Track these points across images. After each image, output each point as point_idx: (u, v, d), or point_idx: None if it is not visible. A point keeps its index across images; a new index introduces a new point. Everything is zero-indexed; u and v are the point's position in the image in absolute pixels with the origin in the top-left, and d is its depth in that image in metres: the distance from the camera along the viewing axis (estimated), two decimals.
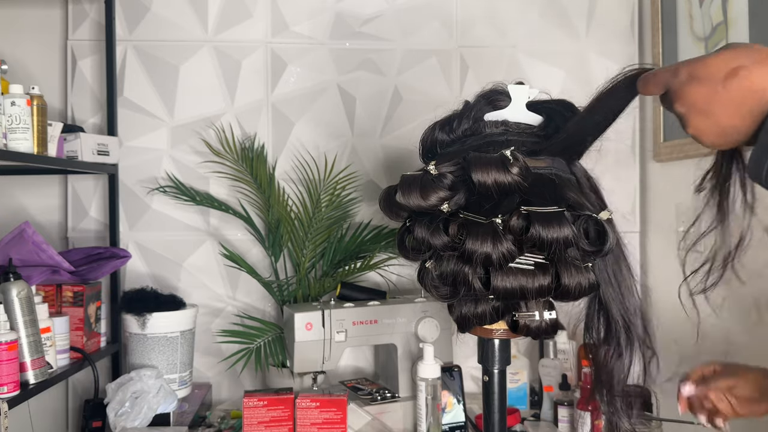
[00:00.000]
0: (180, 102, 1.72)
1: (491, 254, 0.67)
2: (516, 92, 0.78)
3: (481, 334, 0.79)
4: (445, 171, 0.74)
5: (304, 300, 1.65)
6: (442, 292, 0.75)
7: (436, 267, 0.74)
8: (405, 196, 0.73)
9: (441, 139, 0.80)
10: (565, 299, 0.71)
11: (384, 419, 1.46)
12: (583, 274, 0.69)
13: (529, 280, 0.69)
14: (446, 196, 0.72)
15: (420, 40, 1.78)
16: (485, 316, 0.75)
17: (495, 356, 0.79)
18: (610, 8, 1.82)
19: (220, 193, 1.73)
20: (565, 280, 0.69)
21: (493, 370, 0.79)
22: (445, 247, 0.72)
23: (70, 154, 1.47)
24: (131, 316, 1.49)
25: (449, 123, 0.80)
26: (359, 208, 1.76)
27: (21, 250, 1.29)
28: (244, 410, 1.38)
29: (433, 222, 0.73)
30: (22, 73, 1.67)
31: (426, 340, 1.48)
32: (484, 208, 0.71)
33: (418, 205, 0.73)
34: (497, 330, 0.78)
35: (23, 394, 1.17)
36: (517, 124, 0.78)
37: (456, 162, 0.74)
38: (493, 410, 0.79)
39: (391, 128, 1.78)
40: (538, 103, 0.79)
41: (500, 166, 0.69)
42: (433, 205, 0.72)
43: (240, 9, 1.73)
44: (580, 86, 1.79)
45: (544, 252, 0.69)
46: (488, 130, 0.78)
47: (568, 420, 1.47)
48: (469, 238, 0.68)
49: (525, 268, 0.69)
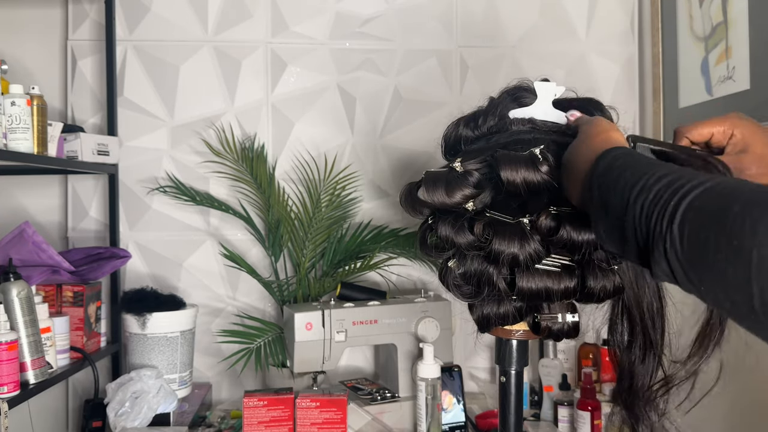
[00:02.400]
0: (180, 102, 1.72)
1: (518, 255, 0.66)
2: (542, 89, 0.76)
3: (500, 335, 0.78)
4: (471, 168, 0.72)
5: (304, 300, 1.65)
6: (465, 291, 0.74)
7: (459, 266, 0.73)
8: (429, 193, 0.72)
9: (465, 135, 0.79)
10: (589, 301, 0.70)
11: (384, 419, 1.46)
12: (608, 277, 0.68)
13: (554, 282, 0.68)
14: (472, 193, 0.71)
15: (420, 40, 1.78)
16: (508, 316, 0.74)
17: (513, 357, 0.78)
18: (610, 8, 1.82)
19: (220, 193, 1.73)
20: (591, 282, 0.68)
21: (511, 370, 0.78)
22: (469, 246, 0.71)
23: (70, 154, 1.47)
24: (131, 316, 1.49)
25: (474, 119, 0.79)
26: (359, 208, 1.76)
27: (21, 250, 1.29)
28: (244, 410, 1.38)
29: (458, 220, 0.71)
30: (22, 73, 1.67)
31: (426, 340, 1.48)
32: (511, 207, 0.70)
33: (443, 202, 0.71)
34: (517, 331, 0.77)
35: (23, 394, 1.17)
36: (544, 122, 0.76)
37: (482, 159, 0.73)
38: (509, 411, 0.78)
39: (391, 128, 1.78)
40: (564, 101, 0.78)
41: (530, 164, 0.68)
42: (457, 203, 0.71)
43: (240, 9, 1.73)
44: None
45: (571, 254, 0.68)
46: (515, 128, 0.76)
47: (568, 420, 1.47)
48: (496, 238, 0.67)
49: (551, 269, 0.68)
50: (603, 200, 0.56)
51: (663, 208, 0.48)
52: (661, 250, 0.48)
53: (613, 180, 0.55)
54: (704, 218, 0.45)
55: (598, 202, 0.57)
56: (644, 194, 0.51)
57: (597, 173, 0.58)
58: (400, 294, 1.71)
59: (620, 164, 0.57)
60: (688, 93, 1.56)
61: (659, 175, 0.51)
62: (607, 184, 0.56)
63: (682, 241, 0.46)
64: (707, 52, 1.48)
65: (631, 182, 0.53)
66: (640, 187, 0.51)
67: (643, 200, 0.50)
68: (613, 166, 0.57)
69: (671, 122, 1.64)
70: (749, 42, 1.32)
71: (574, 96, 0.78)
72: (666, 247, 0.47)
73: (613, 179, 0.55)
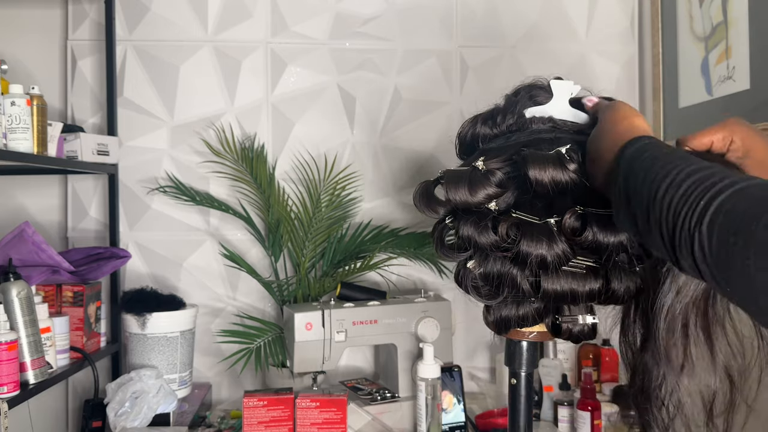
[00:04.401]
0: (180, 102, 1.72)
1: (546, 256, 0.65)
2: (558, 88, 0.75)
3: (514, 337, 0.77)
4: (494, 167, 0.71)
5: (304, 300, 1.65)
6: (484, 293, 0.72)
7: (479, 266, 0.72)
8: (451, 192, 0.71)
9: (484, 133, 0.77)
10: (613, 303, 0.69)
11: (384, 419, 1.46)
12: (632, 279, 0.68)
13: (579, 284, 0.67)
14: (495, 193, 0.70)
15: (420, 40, 1.78)
16: (527, 318, 0.73)
17: (523, 358, 0.77)
18: (610, 8, 1.82)
19: (220, 193, 1.73)
20: (615, 284, 0.67)
21: (521, 372, 0.77)
22: (493, 247, 0.69)
23: (70, 154, 1.47)
24: (131, 316, 1.49)
25: (492, 117, 0.77)
26: (359, 208, 1.76)
27: (21, 250, 1.29)
28: (244, 410, 1.38)
29: (481, 220, 0.70)
30: (22, 73, 1.67)
31: (426, 340, 1.48)
32: (536, 207, 0.68)
33: (465, 201, 0.70)
34: (531, 332, 0.76)
35: (23, 394, 1.17)
36: (564, 121, 0.75)
37: (506, 158, 0.71)
38: (519, 413, 0.77)
39: (391, 128, 1.78)
40: (581, 99, 0.77)
41: (557, 164, 0.67)
42: (480, 202, 0.70)
43: (240, 9, 1.73)
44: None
45: (595, 255, 0.67)
46: (535, 126, 0.75)
47: (568, 420, 1.47)
48: (524, 239, 0.66)
49: (576, 271, 0.67)
50: (629, 190, 0.56)
51: (692, 207, 0.48)
52: (689, 248, 0.48)
53: (641, 171, 0.55)
54: (734, 222, 0.45)
55: (623, 191, 0.57)
56: (673, 190, 0.50)
57: (624, 162, 0.58)
58: (400, 294, 1.70)
59: (648, 156, 0.56)
60: (688, 93, 1.56)
61: (689, 170, 0.51)
62: (635, 174, 0.56)
63: (711, 242, 0.46)
64: (707, 52, 1.48)
65: (660, 175, 0.52)
66: (669, 182, 0.51)
67: (672, 196, 0.50)
68: (640, 157, 0.57)
69: (671, 122, 1.64)
70: (749, 42, 1.32)
71: (590, 95, 0.78)
72: (694, 246, 0.47)
73: (641, 170, 0.55)
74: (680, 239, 0.49)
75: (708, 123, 0.68)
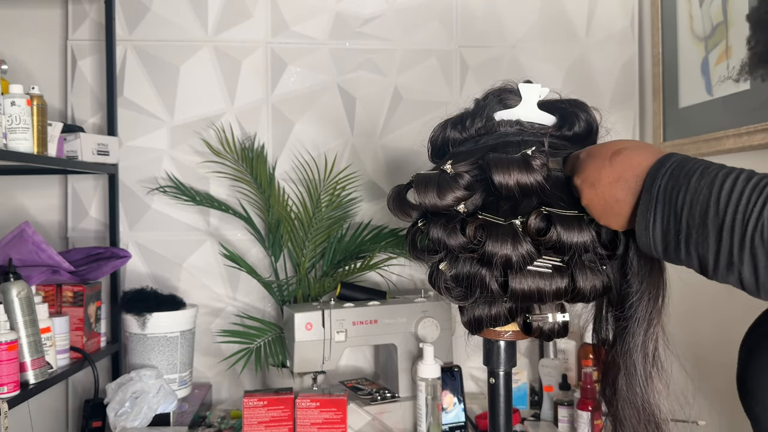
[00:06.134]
0: (180, 102, 1.72)
1: (511, 256, 0.66)
2: (526, 91, 0.76)
3: (489, 336, 0.78)
4: (461, 170, 0.72)
5: (304, 300, 1.65)
6: (456, 294, 0.73)
7: (450, 268, 0.73)
8: (420, 195, 0.72)
9: (453, 137, 0.78)
10: (580, 301, 0.70)
11: (384, 419, 1.46)
12: (597, 277, 0.69)
13: (546, 283, 0.68)
14: (463, 196, 0.71)
15: (420, 40, 1.78)
16: (499, 317, 0.74)
17: (501, 358, 0.78)
18: (610, 8, 1.82)
19: (220, 193, 1.73)
20: (581, 282, 0.68)
21: (499, 371, 0.78)
22: (462, 248, 0.70)
23: (70, 154, 1.47)
24: (131, 316, 1.49)
25: (461, 121, 0.78)
26: (359, 208, 1.76)
27: (21, 250, 1.29)
28: (244, 410, 1.38)
29: (450, 222, 0.71)
30: (22, 73, 1.67)
31: (426, 340, 1.48)
32: (502, 209, 0.70)
33: (434, 204, 0.71)
34: (506, 332, 0.77)
35: (23, 394, 1.17)
36: (531, 124, 0.76)
37: (473, 162, 0.72)
38: (499, 412, 0.79)
39: (391, 128, 1.78)
40: (549, 102, 0.78)
41: (522, 167, 0.68)
42: (449, 205, 0.71)
43: (240, 9, 1.73)
44: (580, 87, 1.79)
45: (560, 254, 0.68)
46: (502, 129, 0.76)
47: (568, 420, 1.47)
48: (489, 240, 0.67)
49: (542, 270, 0.68)
50: (677, 201, 0.57)
51: (757, 219, 0.50)
52: (749, 259, 0.50)
53: (689, 187, 0.56)
54: None
55: (672, 203, 0.57)
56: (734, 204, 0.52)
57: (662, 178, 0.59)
58: (400, 294, 1.71)
59: (691, 167, 0.57)
60: (688, 93, 1.56)
61: (746, 174, 0.53)
62: (678, 190, 0.57)
63: None
64: (707, 52, 1.48)
65: (718, 183, 0.54)
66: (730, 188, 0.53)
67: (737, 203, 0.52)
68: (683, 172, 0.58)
69: (671, 122, 1.64)
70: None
71: (558, 97, 0.78)
72: (757, 256, 0.50)
73: (689, 186, 0.56)
74: (740, 250, 0.51)
75: (708, 123, 0.68)
